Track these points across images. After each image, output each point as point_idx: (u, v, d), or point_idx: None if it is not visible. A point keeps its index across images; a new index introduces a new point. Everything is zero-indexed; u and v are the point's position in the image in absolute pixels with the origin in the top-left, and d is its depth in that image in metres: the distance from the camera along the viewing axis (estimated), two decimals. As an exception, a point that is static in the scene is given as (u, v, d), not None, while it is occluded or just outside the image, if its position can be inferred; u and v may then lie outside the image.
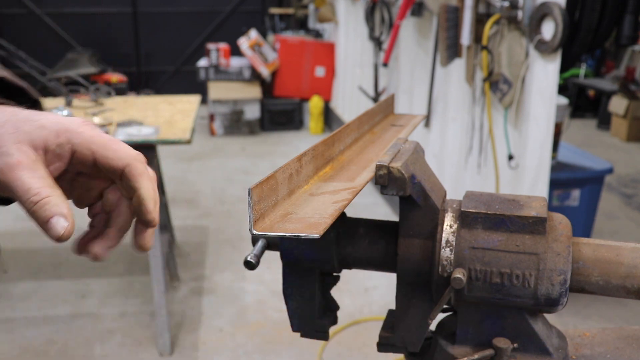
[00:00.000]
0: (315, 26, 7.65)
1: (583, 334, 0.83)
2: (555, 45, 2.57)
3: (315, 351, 2.97)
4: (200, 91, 6.87)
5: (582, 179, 3.42)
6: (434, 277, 0.68)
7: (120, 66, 8.06)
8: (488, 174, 3.18)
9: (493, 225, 0.66)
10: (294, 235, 0.55)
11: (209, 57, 7.07)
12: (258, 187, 0.57)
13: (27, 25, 8.04)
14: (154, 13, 8.33)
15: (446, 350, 0.71)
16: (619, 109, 6.99)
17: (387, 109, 1.00)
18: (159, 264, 2.81)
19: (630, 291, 0.66)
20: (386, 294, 3.49)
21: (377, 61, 4.88)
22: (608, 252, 0.67)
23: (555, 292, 0.64)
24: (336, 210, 0.60)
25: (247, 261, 0.69)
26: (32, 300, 3.46)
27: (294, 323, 0.77)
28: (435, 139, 3.88)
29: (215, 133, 7.03)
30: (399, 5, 4.15)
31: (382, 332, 0.75)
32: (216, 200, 5.01)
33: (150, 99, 3.80)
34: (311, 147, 0.70)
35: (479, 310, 0.69)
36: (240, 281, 3.65)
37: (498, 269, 0.65)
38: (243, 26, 7.77)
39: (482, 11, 2.94)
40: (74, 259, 3.94)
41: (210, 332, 3.15)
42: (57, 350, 3.01)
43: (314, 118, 7.05)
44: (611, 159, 5.14)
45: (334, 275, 0.77)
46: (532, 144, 2.84)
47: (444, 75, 3.65)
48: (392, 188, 0.65)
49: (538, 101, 2.75)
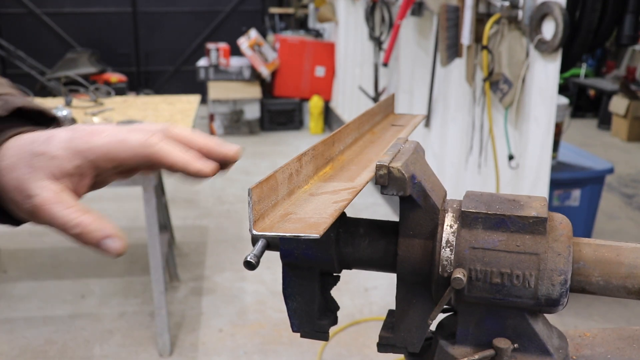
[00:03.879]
0: (315, 26, 7.65)
1: (583, 334, 0.83)
2: (555, 45, 2.57)
3: (315, 351, 2.97)
4: (200, 91, 6.88)
5: (582, 179, 3.42)
6: (434, 277, 0.68)
7: (120, 66, 8.06)
8: (488, 174, 3.18)
9: (493, 225, 0.66)
10: (294, 235, 0.55)
11: (208, 56, 7.07)
12: (258, 187, 0.56)
13: (26, 25, 8.04)
14: (153, 13, 8.33)
15: (446, 351, 0.71)
16: (619, 109, 6.99)
17: (387, 109, 1.00)
18: (159, 264, 2.81)
19: (630, 291, 0.66)
20: (386, 294, 3.49)
21: (377, 61, 4.88)
22: (609, 252, 0.67)
23: (555, 293, 0.64)
24: (336, 210, 0.60)
25: (247, 261, 0.68)
26: (32, 300, 3.46)
27: (294, 323, 0.77)
28: (436, 139, 3.88)
29: (215, 133, 7.03)
30: (399, 5, 4.14)
31: (382, 333, 0.74)
32: (216, 200, 5.00)
33: (150, 98, 3.80)
34: (311, 147, 0.69)
35: (479, 311, 0.69)
36: (240, 281, 3.64)
37: (498, 269, 0.65)
38: (243, 26, 7.78)
39: (482, 11, 2.94)
40: (73, 259, 3.94)
41: (210, 332, 3.15)
42: (57, 350, 3.00)
43: (314, 118, 7.05)
44: (612, 159, 5.15)
45: (334, 276, 0.77)
46: (532, 144, 2.83)
47: (444, 75, 3.64)
48: (392, 188, 0.65)
49: (538, 101, 2.75)
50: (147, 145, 0.60)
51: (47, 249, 4.07)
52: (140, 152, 0.60)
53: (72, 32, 8.15)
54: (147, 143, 0.60)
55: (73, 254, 4.00)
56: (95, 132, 0.60)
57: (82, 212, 0.58)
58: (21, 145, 0.59)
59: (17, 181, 0.58)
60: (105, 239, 0.58)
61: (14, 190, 0.58)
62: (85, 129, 0.61)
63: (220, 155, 0.63)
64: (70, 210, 0.57)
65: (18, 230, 4.29)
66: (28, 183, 0.57)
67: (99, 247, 0.58)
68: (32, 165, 0.58)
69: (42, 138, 0.60)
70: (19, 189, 0.58)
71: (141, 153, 0.60)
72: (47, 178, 0.58)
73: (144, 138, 0.60)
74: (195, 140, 0.63)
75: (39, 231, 4.32)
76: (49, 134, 0.60)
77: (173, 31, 8.38)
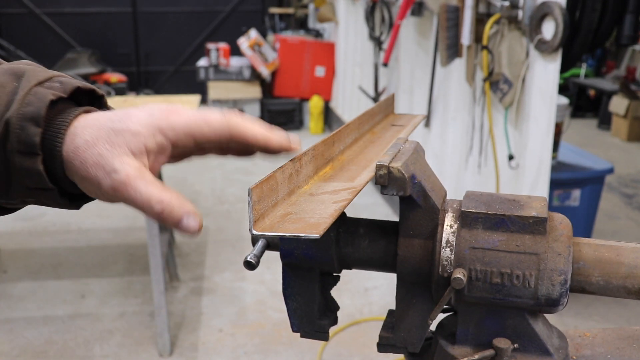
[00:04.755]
0: (315, 26, 7.65)
1: (583, 334, 0.83)
2: (555, 45, 2.57)
3: (315, 351, 2.97)
4: (200, 91, 6.88)
5: (582, 179, 3.42)
6: (434, 277, 0.68)
7: (120, 66, 8.06)
8: (488, 174, 3.18)
9: (493, 225, 0.66)
10: (294, 235, 0.55)
11: (208, 56, 7.07)
12: (258, 187, 0.56)
13: (27, 25, 8.04)
14: (153, 13, 8.33)
15: (446, 351, 0.71)
16: (619, 109, 6.99)
17: (387, 109, 1.00)
18: (159, 264, 2.81)
19: (630, 291, 0.66)
20: (386, 294, 3.49)
21: (377, 61, 4.88)
22: (609, 252, 0.67)
23: (555, 293, 0.64)
24: (336, 210, 0.60)
25: (247, 261, 0.68)
26: (32, 300, 3.46)
27: (293, 323, 0.77)
28: (436, 139, 3.88)
29: (215, 133, 7.03)
30: (399, 5, 4.14)
31: (382, 333, 0.74)
32: (216, 201, 5.00)
33: (150, 99, 3.80)
34: (311, 147, 0.69)
35: (479, 311, 0.69)
36: (240, 281, 3.64)
37: (498, 269, 0.65)
38: (243, 26, 7.77)
39: (482, 11, 2.94)
40: (73, 259, 3.95)
41: (210, 332, 3.15)
42: (57, 350, 3.00)
43: (314, 118, 7.05)
44: (612, 159, 5.14)
45: (334, 276, 0.77)
46: (532, 144, 2.83)
47: (444, 75, 3.64)
48: (392, 188, 0.65)
49: (538, 101, 2.75)
50: (229, 120, 0.61)
51: (47, 249, 4.07)
52: (222, 127, 0.60)
53: (72, 32, 8.15)
54: (228, 118, 0.61)
55: (73, 254, 4.00)
56: (174, 111, 0.61)
57: (163, 189, 0.58)
58: (99, 123, 0.59)
59: (99, 157, 0.57)
60: (186, 217, 0.58)
61: (94, 166, 0.57)
62: (162, 107, 0.61)
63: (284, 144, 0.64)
64: (152, 187, 0.57)
65: (18, 230, 4.29)
66: (110, 158, 0.57)
67: (178, 224, 0.58)
68: (112, 142, 0.57)
69: (119, 115, 0.60)
70: (100, 164, 0.57)
71: (223, 128, 0.60)
72: (128, 154, 0.58)
73: (223, 115, 0.61)
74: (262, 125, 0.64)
75: (39, 231, 4.32)
76: (126, 112, 0.60)
77: (173, 31, 8.37)
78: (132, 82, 8.07)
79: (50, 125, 0.58)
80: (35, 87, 0.58)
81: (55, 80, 0.60)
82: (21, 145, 0.56)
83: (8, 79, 0.58)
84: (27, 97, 0.57)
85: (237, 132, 0.61)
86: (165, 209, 0.57)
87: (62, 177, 0.59)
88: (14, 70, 0.59)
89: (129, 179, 0.57)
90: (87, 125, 0.59)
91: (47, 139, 0.57)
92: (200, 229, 0.59)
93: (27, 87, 0.57)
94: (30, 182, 0.57)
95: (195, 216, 0.58)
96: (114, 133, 0.58)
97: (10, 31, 7.96)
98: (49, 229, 4.38)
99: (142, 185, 0.57)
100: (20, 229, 4.32)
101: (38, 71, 0.60)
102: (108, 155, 0.57)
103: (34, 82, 0.58)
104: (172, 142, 0.60)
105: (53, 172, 0.58)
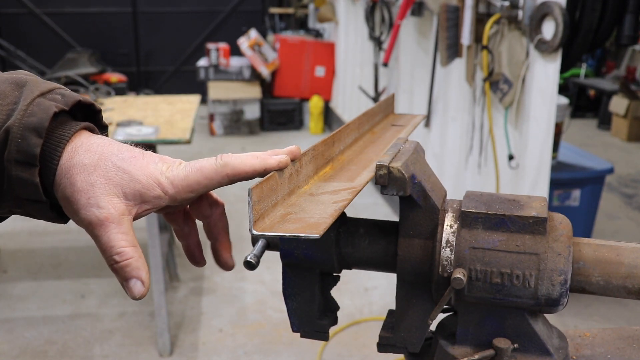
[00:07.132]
0: (315, 26, 7.65)
1: (583, 334, 0.83)
2: (555, 45, 2.57)
3: (315, 351, 2.97)
4: (200, 91, 6.87)
5: (582, 179, 3.42)
6: (434, 277, 0.68)
7: (120, 66, 8.05)
8: (488, 173, 3.18)
9: (493, 225, 0.66)
10: (294, 235, 0.55)
11: (208, 56, 7.07)
12: (258, 187, 0.56)
13: (26, 25, 8.04)
14: (153, 13, 8.33)
15: (446, 351, 0.71)
16: (619, 109, 6.99)
17: (387, 109, 1.00)
18: (159, 264, 2.81)
19: (630, 291, 0.66)
20: (386, 294, 3.49)
21: (377, 61, 4.88)
22: (608, 252, 0.67)
23: (555, 293, 0.64)
24: (336, 210, 0.60)
25: (247, 261, 0.69)
26: (32, 300, 3.46)
27: (294, 323, 0.77)
28: (436, 139, 3.88)
29: (215, 133, 7.03)
30: (399, 5, 4.14)
31: (382, 333, 0.74)
32: (216, 200, 5.00)
33: (150, 98, 3.80)
34: (311, 147, 0.69)
35: (479, 311, 0.69)
36: (240, 281, 3.64)
37: (498, 269, 0.65)
38: (243, 26, 7.77)
39: (482, 11, 2.94)
40: (73, 259, 3.95)
41: (210, 332, 3.15)
42: (57, 350, 3.00)
43: (314, 118, 7.05)
44: (612, 159, 5.15)
45: (334, 276, 0.77)
46: (532, 144, 2.83)
47: (444, 75, 3.64)
48: (392, 188, 0.65)
49: (538, 101, 2.75)
50: (220, 164, 0.60)
51: (47, 249, 4.07)
52: (217, 174, 0.60)
53: (72, 32, 8.15)
54: (218, 162, 0.60)
55: (73, 254, 4.00)
56: (176, 166, 0.60)
57: (130, 245, 0.58)
58: (103, 151, 0.58)
59: (89, 185, 0.57)
60: (134, 281, 0.58)
61: (80, 192, 0.57)
62: (164, 159, 0.61)
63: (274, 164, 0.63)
64: (122, 237, 0.57)
65: (18, 230, 4.29)
66: (99, 193, 0.57)
67: (125, 282, 0.59)
68: (110, 177, 0.57)
69: (126, 155, 0.59)
70: (87, 193, 0.56)
71: (219, 174, 0.60)
72: (119, 195, 0.57)
73: (213, 160, 0.61)
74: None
75: (39, 231, 4.32)
76: (132, 154, 0.60)
77: (173, 31, 8.37)
78: (132, 82, 8.07)
79: (50, 138, 0.57)
80: (39, 98, 0.57)
81: (57, 92, 0.60)
82: (20, 155, 0.55)
83: (9, 88, 0.58)
84: (30, 107, 0.56)
85: (232, 171, 0.60)
86: (121, 263, 0.58)
87: (51, 190, 0.58)
88: (14, 79, 0.59)
89: (107, 220, 0.57)
90: (90, 149, 0.58)
91: (46, 151, 0.57)
92: (140, 298, 0.60)
93: (30, 98, 0.57)
94: (23, 193, 0.57)
95: (142, 285, 0.59)
96: (114, 169, 0.58)
97: (10, 31, 7.95)
98: (49, 229, 4.37)
99: (113, 231, 0.57)
100: (20, 229, 4.32)
101: (39, 82, 0.60)
102: (99, 189, 0.57)
103: (37, 93, 0.57)
104: (172, 198, 0.60)
105: (44, 185, 0.58)
